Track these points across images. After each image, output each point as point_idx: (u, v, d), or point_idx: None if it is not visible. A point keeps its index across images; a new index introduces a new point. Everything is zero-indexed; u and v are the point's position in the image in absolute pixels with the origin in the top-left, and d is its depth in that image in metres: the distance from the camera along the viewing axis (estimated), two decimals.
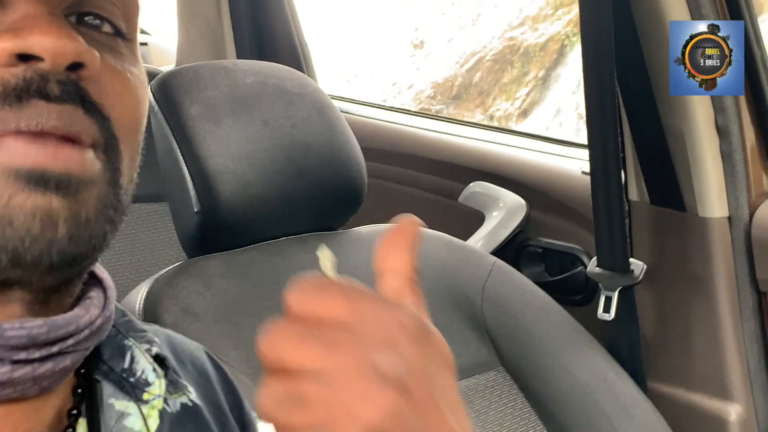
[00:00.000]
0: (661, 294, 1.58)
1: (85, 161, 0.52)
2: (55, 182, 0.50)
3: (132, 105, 0.57)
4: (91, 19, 0.56)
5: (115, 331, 0.63)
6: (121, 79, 0.56)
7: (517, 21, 7.13)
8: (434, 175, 2.00)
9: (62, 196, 0.50)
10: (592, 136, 1.52)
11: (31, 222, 0.49)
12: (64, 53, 0.50)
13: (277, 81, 1.48)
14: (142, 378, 0.62)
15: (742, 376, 1.51)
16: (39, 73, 0.50)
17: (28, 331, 0.51)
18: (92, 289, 0.60)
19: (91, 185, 0.52)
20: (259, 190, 1.39)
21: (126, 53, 0.58)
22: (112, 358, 0.62)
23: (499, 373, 1.43)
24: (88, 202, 0.52)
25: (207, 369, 0.72)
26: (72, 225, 0.51)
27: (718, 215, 1.51)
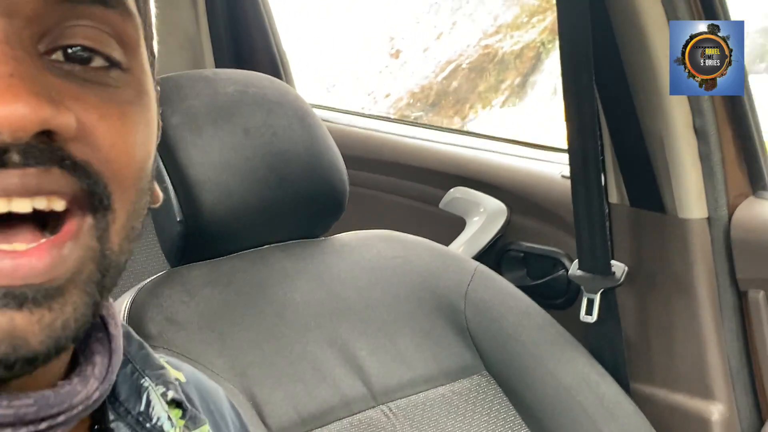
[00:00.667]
0: (642, 295, 1.59)
1: (55, 262, 0.46)
2: (18, 299, 0.45)
3: (129, 152, 0.50)
4: (80, 50, 0.49)
5: (131, 369, 0.60)
6: (115, 125, 0.49)
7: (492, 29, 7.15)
8: (415, 182, 2.01)
9: (28, 311, 0.45)
10: (572, 140, 1.53)
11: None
12: (23, 127, 0.44)
13: (257, 90, 1.49)
14: (158, 425, 0.58)
15: (724, 376, 1.52)
16: None
17: (15, 410, 0.48)
18: (98, 350, 0.56)
19: (67, 285, 0.47)
20: (241, 199, 1.39)
21: (123, 86, 0.51)
22: (128, 399, 0.59)
23: (483, 377, 1.43)
24: (65, 305, 0.47)
25: (225, 412, 0.71)
26: (45, 336, 0.46)
27: (697, 216, 1.52)
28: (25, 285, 0.45)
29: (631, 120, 1.53)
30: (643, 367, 1.59)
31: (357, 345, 1.38)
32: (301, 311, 1.39)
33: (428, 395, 1.38)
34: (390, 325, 1.42)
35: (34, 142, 0.45)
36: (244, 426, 0.73)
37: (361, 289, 1.45)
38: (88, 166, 0.47)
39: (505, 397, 1.43)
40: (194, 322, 1.31)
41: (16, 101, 0.44)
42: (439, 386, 1.39)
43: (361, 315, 1.42)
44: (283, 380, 1.29)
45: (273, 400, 1.26)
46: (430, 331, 1.44)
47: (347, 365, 1.35)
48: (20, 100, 0.44)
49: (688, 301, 1.53)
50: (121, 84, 0.51)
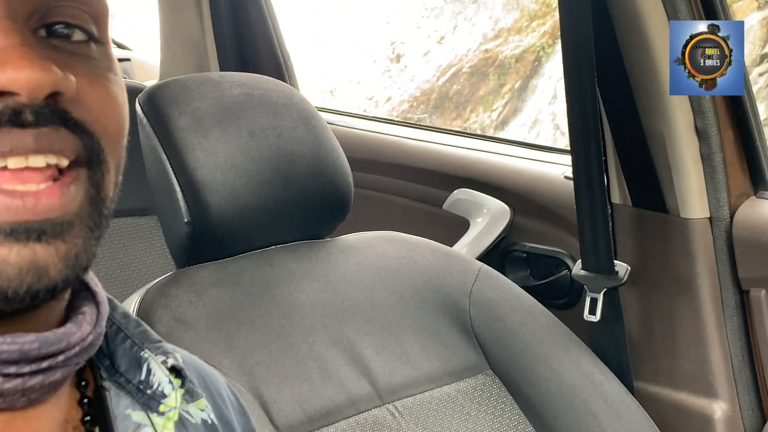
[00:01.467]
0: (645, 295, 1.60)
1: (66, 200, 0.52)
2: (38, 232, 0.51)
3: (115, 114, 0.57)
4: (61, 27, 0.55)
5: (131, 343, 0.64)
6: (102, 90, 0.56)
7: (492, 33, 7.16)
8: (418, 183, 2.02)
9: (47, 242, 0.51)
10: (575, 141, 1.54)
11: (23, 273, 0.50)
12: (40, 87, 0.50)
13: (263, 92, 1.50)
14: (158, 390, 0.62)
15: (727, 374, 1.53)
16: (12, 106, 0.50)
17: (20, 346, 0.52)
18: (85, 304, 0.60)
19: (75, 222, 0.53)
20: (247, 200, 1.41)
21: (100, 58, 0.57)
22: (128, 369, 0.63)
23: (487, 376, 1.44)
24: (76, 238, 0.53)
25: (222, 392, 0.73)
26: (63, 266, 0.52)
27: (699, 216, 1.53)
28: (44, 219, 0.51)
29: (633, 121, 1.54)
30: (647, 366, 1.60)
31: (363, 344, 1.39)
32: (307, 311, 1.40)
33: (433, 394, 1.39)
34: (395, 324, 1.43)
35: (43, 104, 0.51)
36: (242, 407, 0.75)
37: (366, 290, 1.46)
38: (86, 125, 0.54)
39: (510, 396, 1.44)
40: (202, 322, 1.32)
41: (31, 66, 0.50)
42: (444, 385, 1.40)
43: (366, 315, 1.43)
44: (289, 379, 1.30)
45: (280, 399, 1.27)
46: (435, 330, 1.45)
47: (353, 365, 1.36)
48: (35, 65, 0.50)
49: (690, 300, 1.54)
50: (99, 56, 0.57)
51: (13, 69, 0.49)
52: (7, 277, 0.50)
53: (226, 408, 0.71)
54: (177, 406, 0.62)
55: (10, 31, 0.51)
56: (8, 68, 0.49)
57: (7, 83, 0.49)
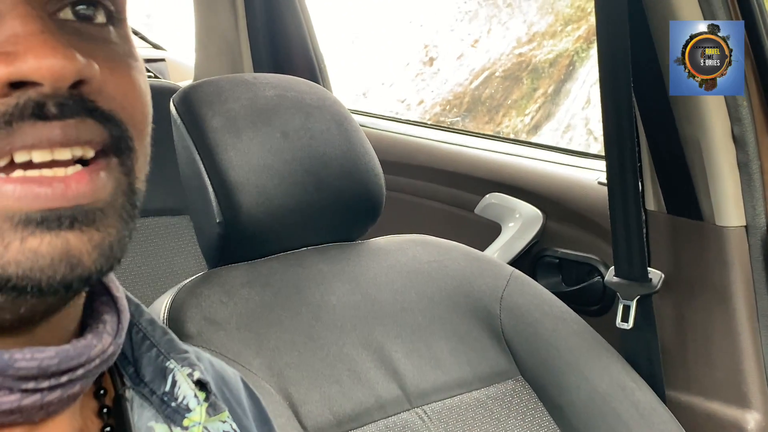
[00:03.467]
0: (679, 303, 1.58)
1: (96, 186, 0.50)
2: (70, 220, 0.48)
3: (139, 101, 0.54)
4: (84, 8, 0.53)
5: (156, 352, 0.62)
6: (124, 76, 0.54)
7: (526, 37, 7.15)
8: (450, 187, 2.02)
9: (79, 231, 0.49)
10: (609, 146, 1.53)
11: (56, 264, 0.48)
12: (63, 76, 0.47)
13: (296, 94, 1.50)
14: (183, 404, 0.61)
15: (761, 384, 1.51)
16: (35, 98, 0.47)
17: (39, 362, 0.51)
18: (106, 311, 0.59)
19: (107, 209, 0.51)
20: (279, 201, 1.41)
21: (120, 42, 0.55)
22: (153, 380, 0.61)
23: (517, 382, 1.43)
24: (109, 227, 0.51)
25: (242, 397, 0.72)
26: (97, 255, 0.50)
27: (735, 224, 1.51)
28: (75, 206, 0.49)
29: (669, 127, 1.53)
30: (679, 375, 1.59)
31: (392, 348, 1.39)
32: (338, 313, 1.40)
33: (463, 399, 1.38)
34: (425, 328, 1.43)
35: (67, 95, 0.48)
36: (262, 412, 0.74)
37: (396, 293, 1.46)
38: (115, 115, 0.52)
39: (540, 403, 1.43)
40: (232, 322, 1.32)
41: (54, 55, 0.47)
42: (473, 390, 1.40)
43: (396, 318, 1.43)
44: (319, 381, 1.30)
45: (309, 401, 1.27)
46: (465, 335, 1.44)
47: (382, 368, 1.36)
48: (58, 53, 0.47)
49: (725, 309, 1.52)
50: (118, 40, 0.55)
51: (35, 57, 0.47)
52: (39, 268, 0.47)
53: (246, 417, 0.70)
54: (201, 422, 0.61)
55: (29, 17, 0.48)
56: (29, 57, 0.47)
57: (28, 72, 0.47)
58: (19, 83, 0.47)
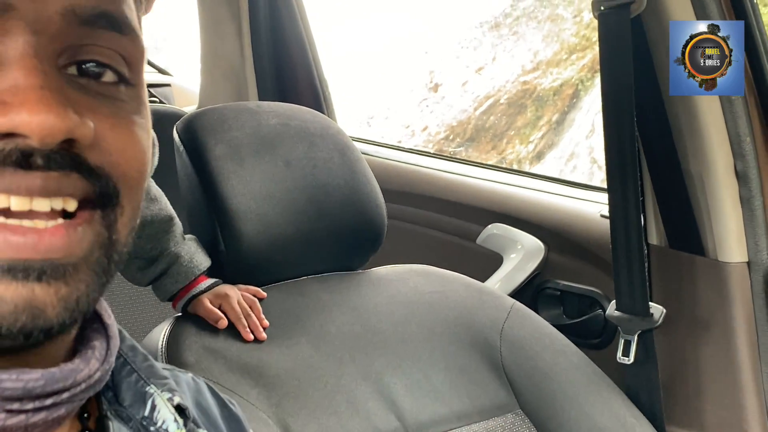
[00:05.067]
0: (680, 338, 1.58)
1: (72, 241, 0.51)
2: (38, 272, 0.49)
3: (136, 158, 0.55)
4: (93, 66, 0.54)
5: (136, 378, 0.63)
6: (124, 133, 0.54)
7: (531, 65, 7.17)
8: (452, 217, 2.01)
9: (47, 283, 0.49)
10: (612, 180, 1.53)
11: (19, 312, 0.48)
12: (52, 134, 0.48)
13: (299, 123, 1.50)
14: (162, 427, 0.61)
15: (762, 422, 1.50)
16: (21, 147, 0.48)
17: (24, 383, 0.51)
18: (95, 338, 0.59)
19: (80, 264, 0.51)
20: (281, 230, 1.41)
21: (128, 100, 0.56)
22: (133, 404, 0.62)
23: (517, 415, 1.42)
24: (79, 282, 0.51)
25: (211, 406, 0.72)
26: (61, 308, 0.50)
27: (737, 260, 1.51)
28: (45, 259, 0.49)
29: (672, 161, 1.53)
30: (680, 411, 1.58)
31: (391, 379, 1.38)
32: (337, 343, 1.39)
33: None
34: (425, 360, 1.42)
35: (56, 149, 0.49)
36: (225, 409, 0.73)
37: (396, 323, 1.46)
38: (101, 170, 0.52)
39: None
40: (232, 351, 1.32)
41: (47, 111, 0.48)
42: (473, 423, 1.39)
43: (396, 349, 1.42)
44: (317, 412, 1.29)
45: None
46: (465, 367, 1.44)
47: (381, 399, 1.35)
48: (51, 110, 0.48)
49: (726, 345, 1.52)
50: (127, 98, 0.56)
51: (28, 112, 0.48)
52: (1, 314, 0.48)
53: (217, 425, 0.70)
54: None
55: (34, 70, 0.49)
56: (23, 111, 0.48)
57: (19, 125, 0.48)
58: (10, 133, 0.48)
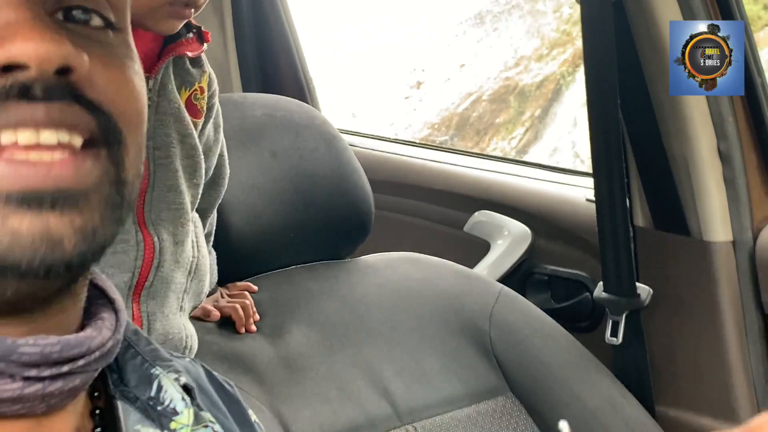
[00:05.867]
0: (667, 318, 1.59)
1: (80, 172, 0.50)
2: (51, 201, 0.49)
3: (132, 96, 0.55)
4: (79, 13, 0.53)
5: (141, 360, 0.63)
6: (117, 73, 0.54)
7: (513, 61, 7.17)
8: (439, 205, 2.02)
9: (60, 213, 0.49)
10: (597, 164, 1.54)
11: (36, 245, 0.48)
12: (49, 59, 0.48)
13: (285, 113, 1.51)
14: (170, 407, 0.61)
15: (750, 399, 1.52)
16: (21, 80, 0.48)
17: (41, 348, 0.51)
18: (104, 310, 0.59)
19: (91, 194, 0.51)
20: (268, 220, 1.41)
21: (118, 44, 0.55)
22: (138, 385, 0.61)
23: (508, 398, 1.43)
24: (92, 211, 0.51)
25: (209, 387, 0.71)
26: (79, 239, 0.50)
27: (722, 239, 1.52)
28: (56, 189, 0.49)
29: (656, 144, 1.54)
30: (669, 390, 1.59)
31: (382, 366, 1.38)
32: (327, 332, 1.40)
33: (453, 416, 1.38)
34: (415, 346, 1.43)
35: (54, 80, 0.49)
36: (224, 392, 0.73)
37: (386, 311, 1.46)
38: (101, 105, 0.52)
39: (530, 419, 1.43)
40: (222, 340, 1.32)
41: (42, 38, 0.48)
42: (464, 407, 1.39)
43: (386, 336, 1.43)
44: (309, 399, 1.29)
45: (300, 419, 1.27)
46: (455, 352, 1.44)
47: (372, 385, 1.35)
48: (45, 38, 0.48)
49: (713, 324, 1.53)
50: (116, 43, 0.55)
51: (23, 41, 0.48)
52: (20, 248, 0.48)
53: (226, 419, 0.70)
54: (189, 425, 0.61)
55: (22, 6, 0.49)
56: (17, 40, 0.48)
57: (16, 54, 0.48)
58: (8, 67, 0.48)
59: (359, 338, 1.41)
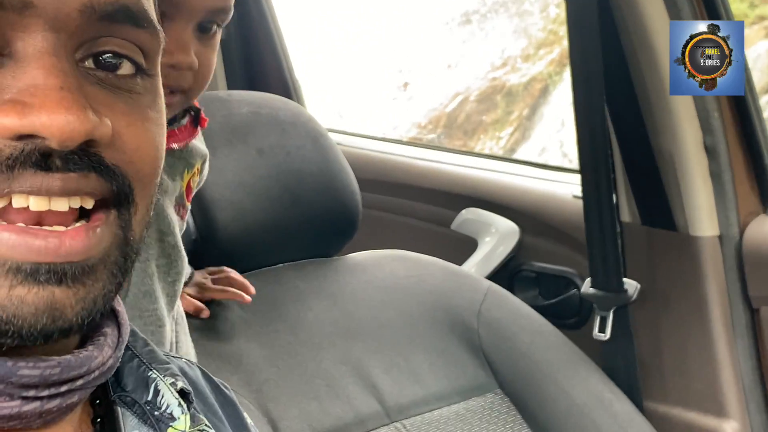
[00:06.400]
0: (655, 313, 1.59)
1: (92, 244, 0.51)
2: (59, 275, 0.49)
3: (150, 154, 0.54)
4: (110, 57, 0.53)
5: (138, 363, 0.63)
6: (139, 131, 0.53)
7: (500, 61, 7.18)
8: (426, 203, 2.02)
9: (66, 286, 0.49)
10: (584, 160, 1.54)
11: (39, 314, 0.49)
12: (72, 138, 0.48)
13: (271, 111, 1.50)
14: (167, 412, 0.61)
15: (737, 393, 1.52)
16: (41, 148, 0.48)
17: (41, 371, 0.51)
18: (107, 324, 0.59)
19: (98, 266, 0.52)
20: (255, 218, 1.41)
21: (144, 92, 0.55)
22: (135, 389, 0.61)
23: (496, 395, 1.43)
24: (96, 282, 0.52)
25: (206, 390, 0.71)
26: (80, 309, 0.50)
27: (708, 234, 1.52)
28: (66, 262, 0.49)
29: (642, 139, 1.54)
30: (657, 385, 1.59)
31: (371, 363, 1.38)
32: (315, 330, 1.39)
33: (442, 413, 1.38)
34: (403, 343, 1.43)
35: (75, 149, 0.49)
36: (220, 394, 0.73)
37: (374, 308, 1.46)
38: (118, 169, 0.52)
39: (519, 416, 1.43)
40: (209, 339, 1.32)
41: (67, 113, 0.47)
42: (453, 404, 1.39)
43: (374, 334, 1.42)
44: (297, 397, 1.29)
45: (288, 417, 1.26)
46: (444, 349, 1.44)
47: (361, 383, 1.35)
48: (71, 112, 0.48)
49: (700, 319, 1.53)
50: (143, 90, 0.55)
51: (48, 114, 0.47)
52: (22, 316, 0.48)
53: (222, 423, 0.70)
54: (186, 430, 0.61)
55: (53, 69, 0.49)
56: (43, 113, 0.47)
57: (39, 128, 0.47)
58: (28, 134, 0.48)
59: (348, 336, 1.40)
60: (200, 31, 1.00)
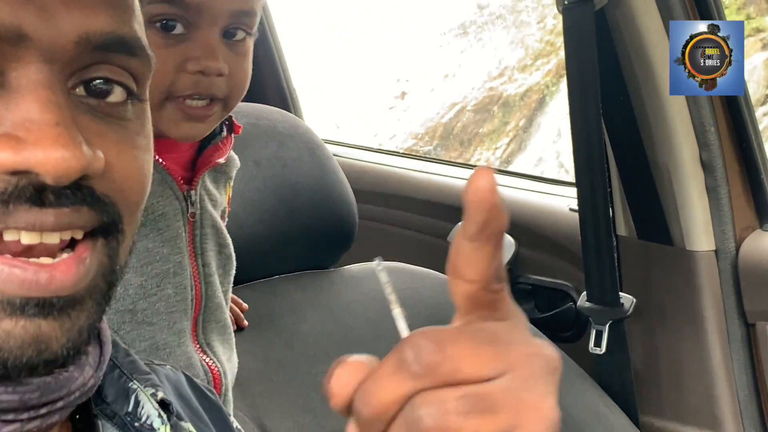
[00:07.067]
0: (650, 327, 1.59)
1: (80, 276, 0.51)
2: (47, 309, 0.49)
3: (138, 184, 0.55)
4: (101, 83, 0.53)
5: (119, 373, 0.63)
6: (128, 159, 0.54)
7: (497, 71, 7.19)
8: (423, 215, 2.02)
9: (52, 319, 0.49)
10: (580, 174, 1.54)
11: (25, 347, 0.48)
12: (68, 174, 0.48)
13: (268, 122, 1.50)
14: (147, 423, 0.61)
15: (732, 408, 1.52)
16: (35, 184, 0.48)
17: (20, 395, 0.51)
18: (88, 344, 0.58)
19: (86, 298, 0.52)
20: (252, 230, 1.41)
21: (134, 119, 0.55)
22: (116, 400, 0.61)
23: None
24: (83, 313, 0.51)
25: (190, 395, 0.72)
26: (65, 341, 0.50)
27: (705, 248, 1.52)
28: (54, 296, 0.49)
29: (638, 153, 1.54)
30: (652, 400, 1.59)
31: None
32: (311, 342, 1.39)
33: None
34: None
35: (67, 186, 0.49)
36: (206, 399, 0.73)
37: (370, 320, 1.46)
38: (108, 199, 0.52)
39: None
40: None
41: (63, 149, 0.47)
42: None
43: (370, 346, 1.41)
44: (292, 410, 1.29)
45: (283, 430, 1.26)
46: None
47: None
48: (67, 149, 0.47)
49: (696, 333, 1.53)
50: (133, 116, 0.55)
51: (44, 151, 0.47)
52: (8, 349, 0.48)
53: (207, 427, 0.70)
54: None
55: (48, 104, 0.48)
56: (38, 149, 0.47)
57: (35, 165, 0.47)
58: None
59: (343, 348, 1.39)
60: (226, 37, 1.00)
